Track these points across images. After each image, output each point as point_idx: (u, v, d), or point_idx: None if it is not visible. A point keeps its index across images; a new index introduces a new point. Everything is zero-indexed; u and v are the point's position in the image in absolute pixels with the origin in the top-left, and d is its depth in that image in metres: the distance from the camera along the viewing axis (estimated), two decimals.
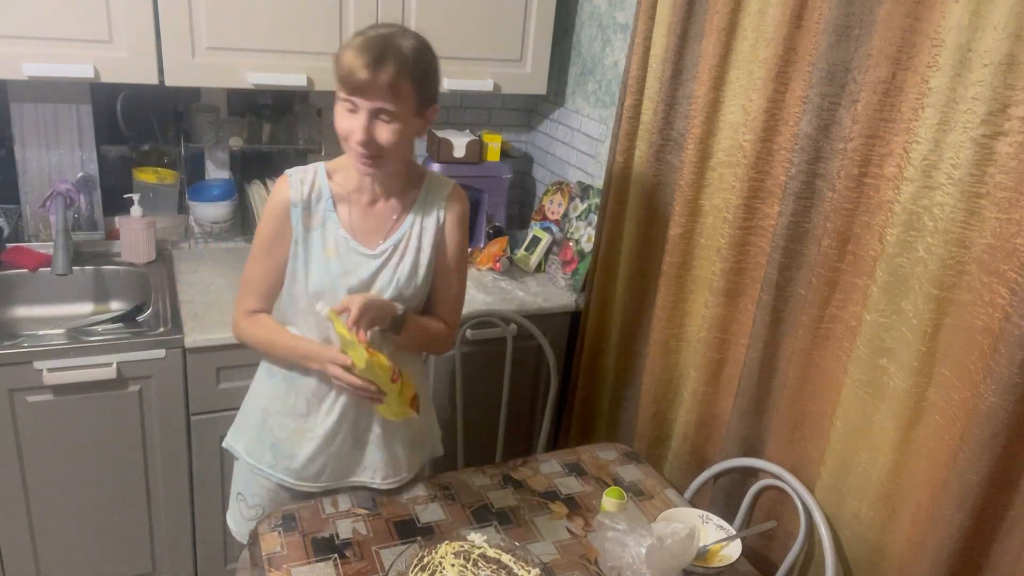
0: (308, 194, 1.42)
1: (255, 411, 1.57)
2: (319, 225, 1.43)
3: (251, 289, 1.48)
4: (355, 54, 1.26)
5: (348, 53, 1.27)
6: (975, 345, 1.28)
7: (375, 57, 1.26)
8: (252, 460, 1.57)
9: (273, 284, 1.47)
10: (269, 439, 1.54)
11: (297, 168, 1.45)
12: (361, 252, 1.44)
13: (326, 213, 1.43)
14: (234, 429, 1.63)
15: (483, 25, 2.20)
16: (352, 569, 1.36)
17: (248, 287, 1.48)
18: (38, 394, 1.81)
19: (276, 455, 1.54)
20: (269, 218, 1.43)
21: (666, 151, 1.91)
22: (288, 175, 1.43)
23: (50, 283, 2.12)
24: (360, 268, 1.43)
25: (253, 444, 1.57)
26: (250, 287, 1.48)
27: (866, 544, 1.52)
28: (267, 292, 1.48)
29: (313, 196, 1.42)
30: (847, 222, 1.49)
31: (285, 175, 1.43)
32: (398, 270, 1.45)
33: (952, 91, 1.27)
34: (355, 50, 1.27)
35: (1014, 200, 1.21)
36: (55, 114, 2.15)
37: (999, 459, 1.23)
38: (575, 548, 1.48)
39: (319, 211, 1.43)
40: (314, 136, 2.44)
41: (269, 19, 1.97)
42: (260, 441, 1.55)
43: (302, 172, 1.44)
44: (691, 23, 1.79)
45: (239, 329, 1.50)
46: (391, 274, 1.45)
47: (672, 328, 1.96)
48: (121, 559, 2.06)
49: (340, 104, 1.31)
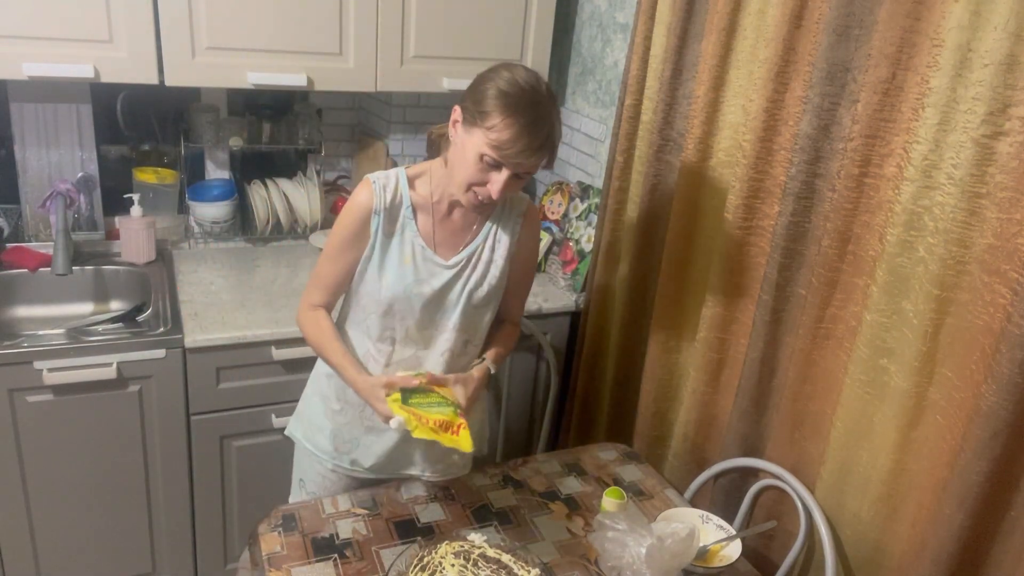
0: (390, 201, 1.42)
1: (315, 399, 1.61)
2: (398, 232, 1.44)
3: (319, 284, 1.50)
4: (517, 134, 1.26)
5: (508, 127, 1.26)
6: (976, 345, 1.28)
7: (541, 143, 1.29)
8: (310, 446, 1.62)
9: (341, 283, 1.50)
10: (329, 426, 1.58)
11: (379, 173, 1.45)
12: (436, 262, 1.46)
13: (405, 221, 1.44)
14: (296, 416, 1.68)
15: (483, 25, 2.20)
16: (352, 569, 1.36)
17: (317, 281, 1.51)
18: (38, 394, 1.81)
19: (335, 442, 1.59)
20: (349, 220, 1.43)
21: (666, 151, 1.91)
22: (371, 181, 1.43)
23: (50, 283, 2.12)
24: (434, 278, 1.45)
25: (313, 431, 1.62)
26: (319, 282, 1.50)
27: (866, 544, 1.52)
28: (334, 289, 1.51)
29: (395, 203, 1.43)
30: (847, 222, 1.49)
31: (367, 180, 1.43)
32: (469, 282, 1.48)
33: (952, 91, 1.27)
34: (517, 130, 1.26)
35: (1014, 200, 1.21)
36: (55, 114, 2.15)
37: (1000, 459, 1.23)
38: (575, 548, 1.48)
39: (399, 218, 1.44)
40: (314, 136, 2.44)
41: (269, 19, 1.97)
42: (320, 429, 1.60)
43: (384, 178, 1.44)
44: (691, 23, 1.79)
45: (300, 318, 1.53)
46: (462, 286, 1.48)
47: (672, 328, 1.96)
48: (121, 559, 2.05)
49: (477, 154, 1.30)
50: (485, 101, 1.28)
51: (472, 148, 1.30)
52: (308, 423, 1.63)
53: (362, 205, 1.42)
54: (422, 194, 1.45)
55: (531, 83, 1.29)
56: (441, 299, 1.47)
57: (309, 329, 1.51)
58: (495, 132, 1.27)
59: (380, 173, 1.45)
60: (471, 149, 1.30)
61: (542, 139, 1.29)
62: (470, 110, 1.31)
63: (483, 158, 1.30)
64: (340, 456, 1.60)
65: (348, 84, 2.12)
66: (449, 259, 1.47)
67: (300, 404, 1.68)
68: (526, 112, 1.27)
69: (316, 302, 1.51)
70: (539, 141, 1.28)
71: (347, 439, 1.58)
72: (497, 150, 1.28)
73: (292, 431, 1.68)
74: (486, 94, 1.28)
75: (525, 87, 1.28)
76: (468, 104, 1.32)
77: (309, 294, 1.52)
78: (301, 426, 1.65)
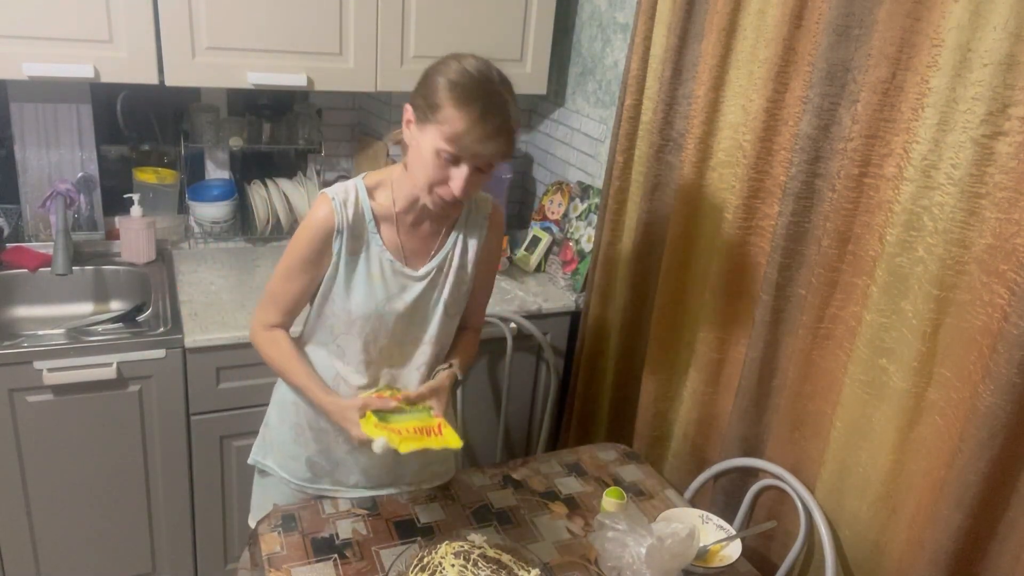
0: (352, 216, 1.35)
1: (284, 427, 1.53)
2: (364, 248, 1.38)
3: (275, 302, 1.42)
4: (472, 123, 1.21)
5: (461, 117, 1.21)
6: (974, 345, 1.28)
7: (496, 128, 1.23)
8: (286, 474, 1.55)
9: (298, 303, 1.42)
10: (304, 453, 1.52)
11: (336, 188, 1.37)
12: (407, 274, 1.40)
13: (370, 236, 1.38)
14: (262, 444, 1.60)
15: (483, 25, 2.20)
16: (352, 569, 1.36)
17: (272, 300, 1.42)
18: (38, 394, 1.81)
19: (311, 469, 1.53)
20: (307, 240, 1.36)
21: (666, 151, 1.91)
22: (330, 198, 1.34)
23: (50, 283, 2.12)
24: (406, 292, 1.41)
25: (286, 459, 1.55)
26: (275, 301, 1.42)
27: (866, 544, 1.52)
28: (291, 309, 1.43)
29: (357, 218, 1.36)
30: (847, 222, 1.49)
31: (325, 197, 1.35)
32: (444, 292, 1.44)
33: (952, 91, 1.27)
34: (472, 119, 1.21)
35: (1014, 200, 1.21)
36: (55, 114, 2.15)
37: (998, 459, 1.23)
38: (575, 548, 1.48)
39: (363, 234, 1.37)
40: (314, 136, 2.44)
41: (269, 19, 1.97)
42: (295, 457, 1.53)
43: (343, 193, 1.36)
44: (691, 23, 1.79)
45: (256, 339, 1.45)
46: (437, 295, 1.44)
47: (672, 328, 1.96)
48: (121, 559, 2.06)
49: (433, 151, 1.25)
50: (435, 94, 1.23)
51: (428, 145, 1.25)
52: (279, 451, 1.55)
53: (322, 224, 1.34)
54: (383, 204, 1.38)
55: (481, 70, 1.25)
56: (416, 312, 1.42)
57: (268, 350, 1.43)
58: (448, 125, 1.22)
59: (338, 187, 1.37)
60: (427, 146, 1.25)
61: (497, 125, 1.23)
62: (421, 107, 1.26)
63: (440, 154, 1.24)
64: (319, 479, 1.54)
65: (348, 84, 2.12)
66: (419, 269, 1.41)
67: (265, 432, 1.59)
68: (479, 100, 1.22)
69: (272, 322, 1.43)
70: (494, 127, 1.22)
71: (326, 462, 1.52)
72: (453, 143, 1.23)
73: (261, 460, 1.59)
74: (436, 87, 1.24)
75: (476, 75, 1.24)
76: (419, 101, 1.27)
77: (264, 313, 1.43)
78: (272, 454, 1.57)
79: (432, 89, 1.24)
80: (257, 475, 1.63)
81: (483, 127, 1.22)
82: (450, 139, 1.23)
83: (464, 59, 1.26)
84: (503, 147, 1.26)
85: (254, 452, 1.61)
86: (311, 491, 1.55)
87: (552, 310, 2.25)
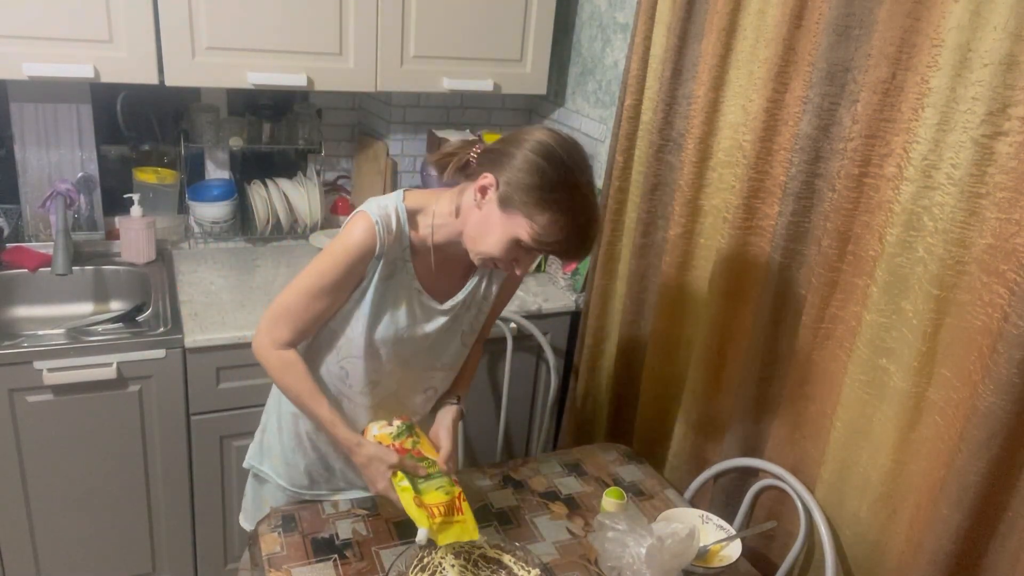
0: (392, 243, 1.29)
1: (284, 436, 1.51)
2: (394, 275, 1.33)
3: (292, 320, 1.32)
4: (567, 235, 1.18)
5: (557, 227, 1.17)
6: (974, 345, 1.28)
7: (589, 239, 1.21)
8: (284, 482, 1.54)
9: (319, 323, 1.35)
10: (303, 462, 1.51)
11: (377, 208, 1.28)
12: (432, 307, 1.37)
13: (403, 263, 1.32)
14: (259, 450, 1.57)
15: (483, 25, 2.20)
16: (352, 569, 1.36)
17: (289, 317, 1.32)
18: (38, 394, 1.81)
19: (310, 475, 1.53)
20: (345, 262, 1.28)
21: (666, 151, 1.91)
22: (373, 221, 1.26)
23: (50, 283, 2.12)
24: (429, 323, 1.38)
25: (284, 467, 1.53)
26: (292, 319, 1.32)
27: (866, 544, 1.52)
28: (309, 329, 1.35)
29: (394, 245, 1.30)
30: (847, 222, 1.49)
31: (368, 220, 1.27)
32: (463, 323, 1.43)
33: (952, 91, 1.27)
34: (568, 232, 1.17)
35: (1014, 200, 1.21)
36: (55, 114, 2.15)
37: (997, 459, 1.23)
38: (575, 548, 1.48)
39: (396, 260, 1.32)
40: (314, 136, 2.44)
41: (269, 19, 1.97)
42: (295, 465, 1.52)
43: (385, 217, 1.28)
44: (691, 23, 1.79)
45: (266, 359, 1.35)
46: (456, 327, 1.42)
47: (672, 328, 1.96)
48: (121, 559, 2.06)
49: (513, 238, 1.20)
50: (530, 192, 1.16)
51: (508, 231, 1.20)
52: (278, 458, 1.53)
53: (363, 248, 1.27)
54: (422, 235, 1.32)
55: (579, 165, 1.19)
56: (434, 341, 1.40)
57: (284, 376, 1.34)
58: (543, 229, 1.17)
59: (378, 208, 1.29)
60: (506, 231, 1.20)
61: (590, 236, 1.20)
62: (512, 196, 1.18)
63: (519, 244, 1.20)
64: (316, 486, 1.54)
65: (348, 84, 2.12)
66: (445, 303, 1.38)
67: (262, 437, 1.56)
68: (579, 212, 1.17)
69: (284, 340, 1.33)
70: (588, 237, 1.20)
71: (324, 470, 1.52)
72: (539, 243, 1.18)
73: (257, 465, 1.57)
74: (531, 184, 1.16)
75: (580, 180, 1.18)
76: (510, 186, 1.18)
77: (276, 330, 1.33)
78: (268, 460, 1.55)
79: (529, 185, 1.17)
80: (252, 478, 1.62)
81: (578, 240, 1.20)
82: (537, 240, 1.19)
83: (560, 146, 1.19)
84: (588, 252, 1.24)
85: (250, 456, 1.59)
86: (307, 497, 1.55)
87: (552, 310, 2.25)
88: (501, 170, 1.20)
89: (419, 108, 2.48)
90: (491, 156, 1.24)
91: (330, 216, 2.56)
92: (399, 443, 1.37)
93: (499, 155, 1.22)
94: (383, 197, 1.33)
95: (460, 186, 1.32)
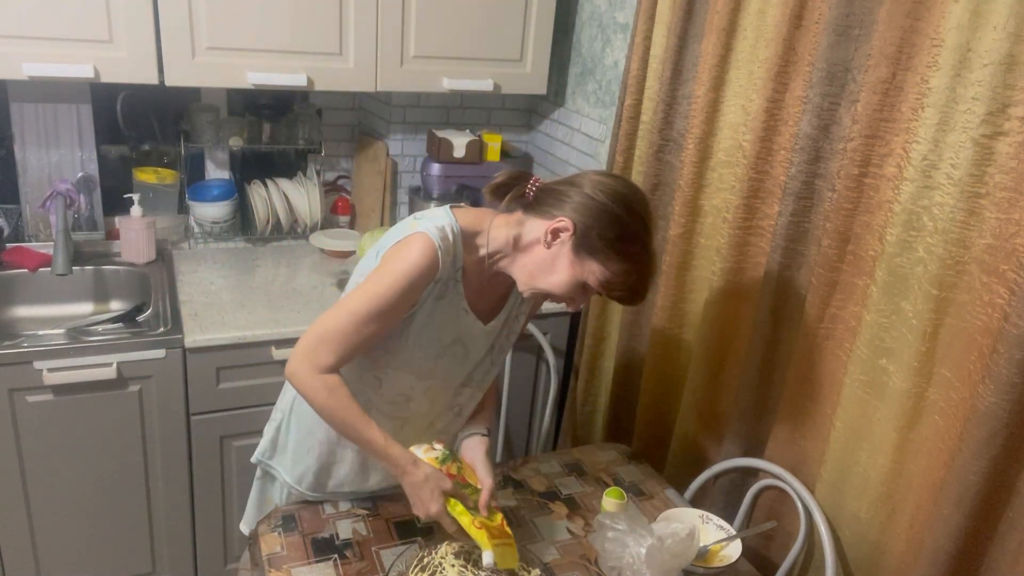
0: (447, 265, 1.28)
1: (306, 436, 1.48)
2: (446, 294, 1.32)
3: (339, 345, 1.24)
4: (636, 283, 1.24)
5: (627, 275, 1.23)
6: (974, 345, 1.28)
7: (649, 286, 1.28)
8: (291, 480, 1.52)
9: (369, 346, 1.28)
10: (315, 465, 1.49)
11: (435, 229, 1.25)
12: (477, 327, 1.38)
13: (454, 284, 1.32)
14: (271, 448, 1.55)
15: (483, 25, 2.20)
16: (352, 569, 1.36)
17: (339, 341, 1.24)
18: (38, 394, 1.81)
19: (319, 477, 1.51)
20: (407, 287, 1.24)
21: (666, 151, 1.91)
22: (435, 245, 1.24)
23: (50, 283, 2.12)
24: (471, 342, 1.39)
25: (296, 467, 1.51)
26: (339, 343, 1.24)
27: (866, 544, 1.52)
28: (354, 355, 1.27)
29: (450, 266, 1.29)
30: (847, 222, 1.49)
31: (431, 243, 1.23)
32: (501, 343, 1.45)
33: (952, 91, 1.27)
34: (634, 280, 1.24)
35: (1014, 200, 1.21)
36: (55, 114, 2.15)
37: (997, 459, 1.23)
38: (575, 548, 1.48)
39: (449, 280, 1.32)
40: (314, 136, 2.44)
41: (269, 19, 1.97)
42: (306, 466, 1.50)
43: (445, 240, 1.25)
44: (691, 23, 1.79)
45: (305, 383, 1.26)
46: (494, 347, 1.44)
47: (672, 328, 1.96)
48: (121, 559, 2.06)
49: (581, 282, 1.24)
50: (613, 243, 1.21)
51: (578, 274, 1.24)
52: (292, 458, 1.51)
53: (426, 273, 1.24)
54: (474, 259, 1.31)
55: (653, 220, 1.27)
56: (471, 360, 1.41)
57: (330, 401, 1.25)
58: (615, 276, 1.22)
59: (436, 228, 1.25)
60: (575, 274, 1.24)
61: (652, 283, 1.29)
62: (591, 243, 1.21)
63: (585, 287, 1.25)
64: (321, 489, 1.52)
65: (348, 84, 2.12)
66: (488, 323, 1.39)
67: (276, 435, 1.53)
68: (648, 265, 1.25)
69: (328, 364, 1.24)
70: (647, 291, 1.27)
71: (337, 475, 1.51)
72: (606, 289, 1.24)
73: (267, 461, 1.55)
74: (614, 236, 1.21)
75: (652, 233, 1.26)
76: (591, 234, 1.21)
77: (322, 355, 1.24)
78: (279, 458, 1.54)
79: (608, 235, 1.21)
80: (257, 480, 1.61)
81: (641, 288, 1.26)
82: (605, 286, 1.24)
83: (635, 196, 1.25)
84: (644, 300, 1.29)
85: (260, 452, 1.56)
86: (311, 499, 1.53)
87: (552, 310, 2.25)
88: (575, 214, 1.22)
89: (419, 108, 2.48)
90: (554, 195, 1.26)
91: (330, 216, 2.57)
92: (446, 468, 1.32)
93: (564, 197, 1.24)
94: (435, 214, 1.30)
95: (517, 216, 1.31)
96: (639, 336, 2.08)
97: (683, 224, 1.86)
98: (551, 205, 1.25)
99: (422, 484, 1.28)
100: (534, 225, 1.27)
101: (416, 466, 1.29)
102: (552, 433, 2.40)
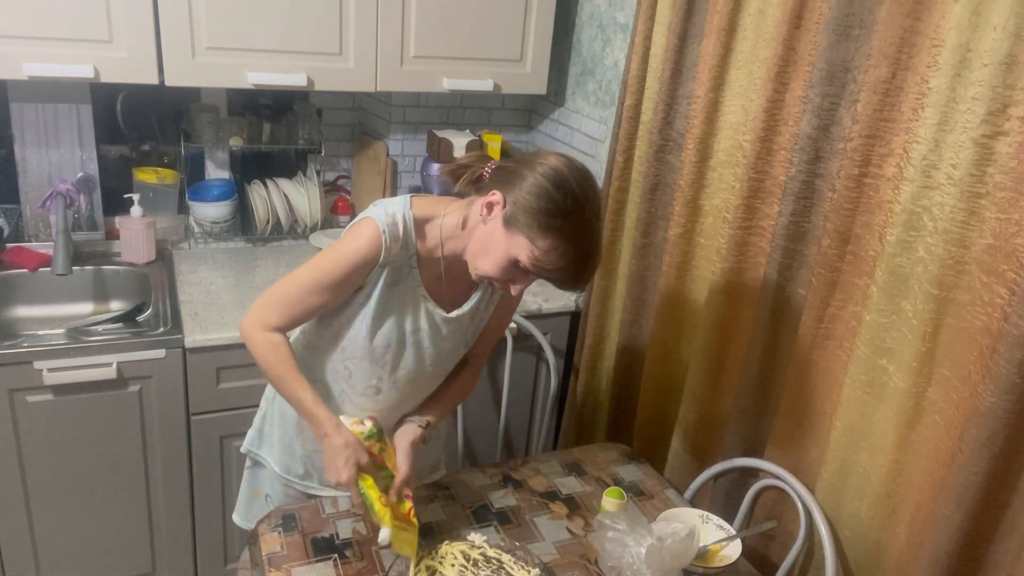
0: (397, 251, 1.30)
1: (287, 423, 1.51)
2: (400, 281, 1.34)
3: (285, 308, 1.33)
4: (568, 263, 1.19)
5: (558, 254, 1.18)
6: (974, 345, 1.28)
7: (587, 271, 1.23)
8: (279, 470, 1.55)
9: (310, 317, 1.37)
10: (301, 451, 1.52)
11: (385, 215, 1.28)
12: (438, 315, 1.38)
13: (409, 270, 1.33)
14: (258, 436, 1.58)
15: (483, 25, 2.20)
16: (352, 569, 1.36)
17: (282, 305, 1.33)
18: (38, 394, 1.81)
19: (306, 466, 1.53)
20: (346, 266, 1.29)
21: (666, 151, 1.91)
22: (380, 231, 1.27)
23: (50, 283, 2.12)
24: (432, 330, 1.39)
25: (283, 454, 1.54)
26: (285, 307, 1.33)
27: (866, 544, 1.52)
28: (299, 321, 1.37)
29: (400, 254, 1.31)
30: (847, 222, 1.49)
31: (376, 228, 1.27)
32: (467, 334, 1.44)
33: (952, 91, 1.27)
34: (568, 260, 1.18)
35: (1014, 200, 1.21)
36: (55, 114, 2.15)
37: (997, 459, 1.23)
38: (575, 548, 1.48)
39: (402, 267, 1.33)
40: (314, 136, 2.44)
41: (269, 19, 1.97)
42: (293, 454, 1.53)
43: (392, 225, 1.28)
44: (691, 23, 1.79)
45: (251, 336, 1.35)
46: (460, 337, 1.43)
47: (672, 328, 1.96)
48: (121, 559, 2.06)
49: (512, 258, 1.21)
50: (538, 216, 1.17)
51: (509, 250, 1.21)
52: (278, 445, 1.54)
53: (366, 256, 1.28)
54: (429, 246, 1.33)
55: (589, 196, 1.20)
56: (437, 349, 1.41)
57: (267, 354, 1.33)
58: (543, 253, 1.18)
59: (386, 215, 1.29)
60: (507, 250, 1.21)
61: (590, 268, 1.22)
62: (517, 216, 1.19)
63: (518, 264, 1.21)
64: (309, 477, 1.54)
65: (348, 84, 2.12)
66: (451, 312, 1.39)
67: (262, 424, 1.57)
68: (581, 243, 1.18)
69: (273, 324, 1.33)
70: (587, 269, 1.21)
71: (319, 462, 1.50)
72: (538, 268, 1.20)
73: (255, 450, 1.58)
74: (539, 209, 1.17)
75: (586, 211, 1.19)
76: (516, 206, 1.19)
77: (266, 313, 1.34)
78: (267, 446, 1.56)
79: (537, 209, 1.18)
80: (247, 469, 1.63)
81: (575, 269, 1.20)
82: (536, 264, 1.20)
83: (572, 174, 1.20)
84: (585, 283, 1.25)
85: (248, 442, 1.60)
86: (299, 487, 1.55)
87: (552, 310, 2.25)
88: (510, 189, 1.21)
89: (419, 108, 2.48)
90: (503, 174, 1.25)
91: (330, 216, 2.56)
92: (368, 445, 1.35)
93: (511, 174, 1.23)
94: (391, 202, 1.32)
95: (470, 199, 1.32)
96: (639, 336, 2.08)
97: (683, 224, 1.86)
98: (496, 184, 1.25)
99: (340, 449, 1.30)
100: (478, 204, 1.27)
101: (338, 431, 1.32)
102: (552, 433, 2.40)
